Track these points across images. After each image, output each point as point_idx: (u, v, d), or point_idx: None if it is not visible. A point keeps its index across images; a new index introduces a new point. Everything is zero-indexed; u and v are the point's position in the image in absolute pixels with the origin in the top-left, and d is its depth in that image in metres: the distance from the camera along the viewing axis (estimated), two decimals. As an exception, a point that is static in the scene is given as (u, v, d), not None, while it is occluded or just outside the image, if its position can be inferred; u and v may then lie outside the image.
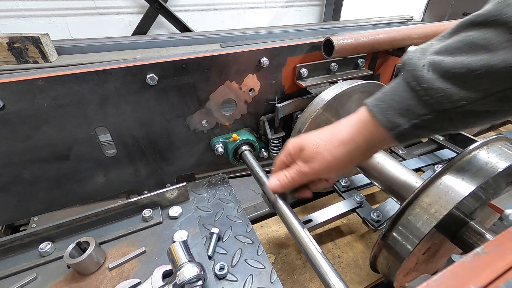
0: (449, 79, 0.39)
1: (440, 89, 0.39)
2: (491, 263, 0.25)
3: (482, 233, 0.54)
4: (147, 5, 2.78)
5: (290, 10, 3.59)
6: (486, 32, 0.36)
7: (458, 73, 0.38)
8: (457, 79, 0.38)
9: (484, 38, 0.36)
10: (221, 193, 0.84)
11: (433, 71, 0.40)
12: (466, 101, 0.38)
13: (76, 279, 0.57)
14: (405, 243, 0.54)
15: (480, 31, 0.37)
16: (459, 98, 0.39)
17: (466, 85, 0.38)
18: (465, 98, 0.38)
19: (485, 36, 0.36)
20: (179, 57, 0.70)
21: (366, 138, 0.49)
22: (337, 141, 0.52)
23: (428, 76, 0.40)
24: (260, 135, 0.95)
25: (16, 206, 0.72)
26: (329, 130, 0.54)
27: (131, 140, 0.76)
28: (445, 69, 0.39)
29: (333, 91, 0.78)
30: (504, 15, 0.34)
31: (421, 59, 0.43)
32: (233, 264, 0.64)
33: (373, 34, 0.86)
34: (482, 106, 0.39)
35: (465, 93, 0.38)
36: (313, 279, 0.83)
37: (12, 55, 1.74)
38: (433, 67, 0.41)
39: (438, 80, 0.40)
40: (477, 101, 0.38)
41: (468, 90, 0.38)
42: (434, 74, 0.40)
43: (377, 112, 0.47)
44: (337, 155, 0.51)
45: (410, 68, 0.43)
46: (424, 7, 3.39)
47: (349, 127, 0.52)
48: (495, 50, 0.35)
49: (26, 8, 2.48)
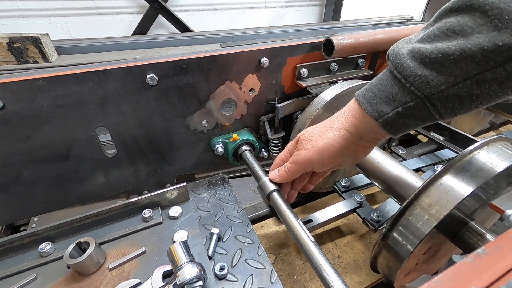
0: (427, 65, 0.40)
1: (420, 75, 0.41)
2: (492, 264, 0.25)
3: (483, 233, 0.54)
4: (147, 5, 2.77)
5: (290, 10, 3.59)
6: (462, 18, 0.37)
7: (436, 59, 0.39)
8: (434, 65, 0.39)
9: (460, 24, 0.37)
10: (221, 193, 0.84)
11: (412, 58, 0.42)
12: (445, 86, 0.39)
13: (76, 279, 0.57)
14: (405, 243, 0.54)
15: (457, 17, 0.38)
16: (438, 83, 0.40)
17: (443, 70, 0.39)
18: (443, 83, 0.39)
19: (460, 22, 0.37)
20: (179, 57, 0.70)
21: (355, 125, 0.51)
22: (329, 129, 0.55)
23: (408, 64, 0.42)
24: (260, 135, 0.95)
25: (16, 206, 0.72)
26: (323, 122, 0.58)
27: (131, 140, 0.76)
28: (424, 56, 0.40)
29: (333, 91, 0.78)
30: (478, 1, 0.35)
31: (403, 48, 0.44)
32: (233, 264, 0.63)
33: (373, 34, 0.86)
34: (461, 91, 0.39)
35: (443, 78, 0.39)
36: (313, 279, 0.83)
37: (12, 55, 1.74)
38: (412, 55, 0.42)
39: (418, 67, 0.41)
40: (456, 85, 0.39)
41: (445, 75, 0.39)
42: (413, 61, 0.42)
43: (364, 102, 0.49)
44: (328, 140, 0.54)
45: (393, 57, 0.45)
46: (424, 7, 3.39)
47: (340, 117, 0.54)
48: (470, 34, 0.36)
49: (26, 8, 2.48)
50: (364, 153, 0.58)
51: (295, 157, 0.58)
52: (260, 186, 0.66)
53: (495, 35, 0.34)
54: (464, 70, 0.38)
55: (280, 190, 0.64)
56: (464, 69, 0.38)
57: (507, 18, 0.33)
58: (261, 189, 0.65)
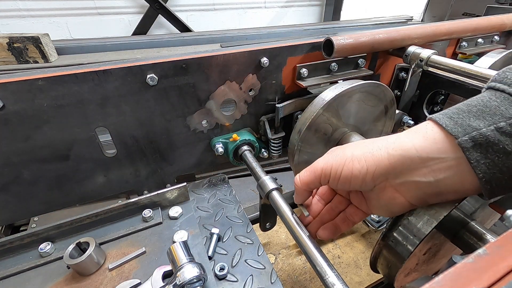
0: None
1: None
2: (493, 264, 0.25)
3: (483, 233, 0.54)
4: (147, 5, 2.78)
5: (290, 10, 3.59)
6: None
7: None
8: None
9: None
10: (221, 193, 0.84)
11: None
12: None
13: (76, 279, 0.57)
14: (405, 243, 0.54)
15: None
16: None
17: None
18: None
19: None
20: (179, 57, 0.70)
21: (406, 146, 0.35)
22: (369, 143, 0.40)
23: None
24: (260, 135, 0.94)
25: (16, 206, 0.72)
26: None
27: (131, 140, 0.76)
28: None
29: (333, 91, 0.78)
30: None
31: None
32: (233, 264, 0.63)
33: (373, 34, 0.85)
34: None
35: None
36: (313, 279, 0.83)
37: (12, 55, 1.74)
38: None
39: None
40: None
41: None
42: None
43: (442, 117, 0.34)
44: (357, 153, 0.39)
45: (497, 76, 0.33)
46: (424, 7, 3.39)
47: (394, 135, 0.38)
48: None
49: (26, 8, 2.48)
50: (398, 205, 0.41)
51: (315, 163, 0.45)
52: (259, 185, 0.65)
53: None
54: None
55: (280, 189, 0.63)
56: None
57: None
58: (261, 188, 0.64)
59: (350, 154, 0.40)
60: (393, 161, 0.35)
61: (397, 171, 0.36)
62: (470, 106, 0.32)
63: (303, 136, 0.79)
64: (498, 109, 0.30)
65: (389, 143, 0.37)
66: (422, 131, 0.35)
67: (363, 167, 0.38)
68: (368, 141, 0.41)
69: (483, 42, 1.12)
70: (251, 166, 0.77)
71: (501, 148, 0.29)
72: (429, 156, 0.33)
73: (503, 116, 0.29)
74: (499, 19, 1.08)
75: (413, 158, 0.34)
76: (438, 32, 0.93)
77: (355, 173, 0.38)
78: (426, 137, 0.34)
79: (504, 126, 0.28)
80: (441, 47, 1.08)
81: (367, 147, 0.39)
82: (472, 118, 0.31)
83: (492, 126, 0.29)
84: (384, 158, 0.36)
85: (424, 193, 0.37)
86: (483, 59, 0.99)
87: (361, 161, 0.38)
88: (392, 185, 0.38)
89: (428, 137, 0.34)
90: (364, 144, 0.40)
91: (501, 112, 0.29)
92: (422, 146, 0.34)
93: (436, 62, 0.84)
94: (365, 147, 0.39)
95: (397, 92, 1.06)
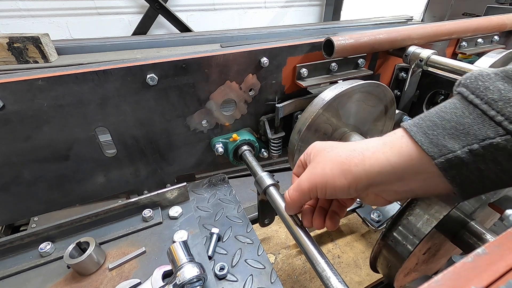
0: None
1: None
2: (492, 264, 0.25)
3: (482, 233, 0.54)
4: (147, 5, 2.78)
5: (290, 10, 3.59)
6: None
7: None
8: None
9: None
10: (221, 193, 0.84)
11: (505, 79, 0.30)
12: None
13: (76, 279, 0.57)
14: (405, 243, 0.54)
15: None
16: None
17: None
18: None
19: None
20: (179, 57, 0.70)
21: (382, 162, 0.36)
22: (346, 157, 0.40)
23: (498, 86, 0.30)
24: (260, 135, 0.95)
25: (16, 206, 0.72)
26: (347, 142, 0.45)
27: (131, 140, 0.76)
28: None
29: (333, 91, 0.78)
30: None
31: (487, 71, 0.33)
32: (233, 264, 0.63)
33: (373, 34, 0.85)
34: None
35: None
36: (313, 279, 0.83)
37: (12, 55, 1.74)
38: (506, 75, 0.31)
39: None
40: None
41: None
42: (507, 83, 0.30)
43: (416, 130, 0.34)
44: (334, 171, 0.40)
45: (469, 81, 0.33)
46: (424, 7, 3.39)
47: (369, 144, 0.39)
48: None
49: (26, 8, 2.48)
50: (379, 203, 0.43)
51: (299, 182, 0.46)
52: (257, 181, 0.65)
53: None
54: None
55: (277, 185, 0.62)
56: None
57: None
58: (258, 184, 0.64)
59: (330, 172, 0.41)
60: (371, 177, 0.37)
61: (376, 183, 0.38)
62: (444, 121, 0.33)
63: (303, 136, 0.79)
64: (471, 128, 0.30)
65: (365, 158, 0.38)
66: (397, 146, 0.35)
67: (344, 185, 0.39)
68: (343, 154, 0.41)
69: (483, 42, 1.12)
70: (251, 166, 0.77)
71: (475, 167, 0.31)
72: (405, 172, 0.35)
73: (476, 137, 0.30)
74: (499, 19, 1.08)
75: (389, 174, 0.36)
76: (438, 32, 0.93)
77: (338, 190, 0.40)
78: (401, 154, 0.35)
79: (477, 148, 0.30)
80: (441, 47, 1.08)
81: (344, 165, 0.39)
82: (447, 137, 0.31)
83: (466, 148, 0.30)
84: (362, 175, 0.38)
85: (405, 196, 0.41)
86: (483, 59, 0.99)
87: (341, 179, 0.39)
88: (374, 192, 0.41)
89: (403, 154, 0.35)
90: (340, 159, 0.41)
91: (474, 133, 0.30)
92: (398, 163, 0.35)
93: (436, 62, 0.84)
94: (342, 164, 0.40)
95: (397, 92, 1.06)
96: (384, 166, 0.36)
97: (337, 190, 0.40)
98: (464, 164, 0.31)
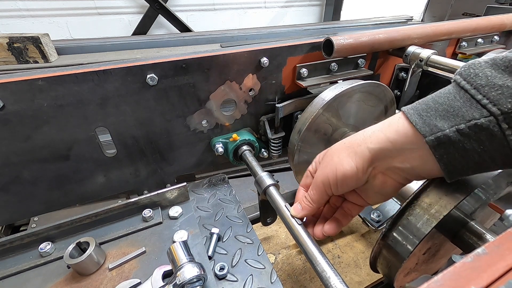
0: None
1: (500, 85, 0.31)
2: (492, 264, 0.25)
3: (482, 233, 0.54)
4: (147, 5, 2.78)
5: (290, 10, 3.59)
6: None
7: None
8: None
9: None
10: (221, 193, 0.84)
11: (493, 66, 0.33)
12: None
13: (76, 279, 0.57)
14: (405, 243, 0.54)
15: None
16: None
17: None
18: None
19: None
20: (179, 57, 0.70)
21: (382, 138, 0.41)
22: (349, 143, 0.45)
23: (486, 73, 0.33)
24: (260, 135, 0.95)
25: (16, 206, 0.72)
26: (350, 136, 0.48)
27: (131, 140, 0.76)
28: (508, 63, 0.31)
29: (333, 91, 0.78)
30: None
31: (481, 60, 0.35)
32: (233, 264, 0.63)
33: (373, 34, 0.85)
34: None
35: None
36: (313, 279, 0.83)
37: (12, 55, 1.75)
38: (494, 62, 0.33)
39: (499, 76, 0.32)
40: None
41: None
42: (494, 70, 0.33)
43: (413, 113, 0.38)
44: (342, 156, 0.44)
45: (464, 69, 0.36)
46: (424, 7, 3.39)
47: (368, 130, 0.44)
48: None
49: (26, 8, 2.48)
50: (389, 187, 0.45)
51: (314, 181, 0.48)
52: (257, 181, 0.65)
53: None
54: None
55: (278, 185, 0.62)
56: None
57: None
58: (258, 185, 0.64)
59: (337, 158, 0.45)
60: (374, 153, 0.42)
61: (380, 159, 0.42)
62: (437, 104, 0.36)
63: (303, 136, 0.79)
64: (460, 110, 0.34)
65: (366, 138, 0.43)
66: (394, 125, 0.40)
67: (352, 166, 0.43)
68: (346, 141, 0.46)
69: (483, 42, 1.12)
70: (251, 166, 0.77)
71: (460, 146, 0.34)
72: (403, 148, 0.39)
73: (464, 118, 0.33)
74: (499, 19, 1.08)
75: (390, 149, 0.41)
76: (438, 32, 0.93)
77: (348, 174, 0.44)
78: (398, 132, 0.40)
79: (464, 128, 0.33)
80: (441, 47, 1.08)
81: (349, 148, 0.44)
82: (438, 118, 0.35)
83: (454, 128, 0.34)
84: (366, 152, 0.42)
85: (408, 174, 0.43)
86: (483, 59, 0.99)
87: (348, 161, 0.44)
88: (380, 171, 0.44)
89: (400, 132, 0.39)
90: (344, 145, 0.46)
91: (462, 114, 0.33)
92: (396, 139, 0.40)
93: (436, 62, 0.84)
94: (347, 148, 0.45)
95: (397, 92, 1.06)
96: (384, 143, 0.41)
97: (347, 174, 0.44)
98: (451, 142, 0.34)
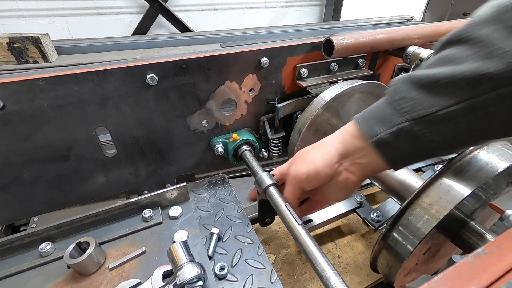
0: (419, 89, 0.43)
1: (412, 97, 0.43)
2: (492, 264, 0.25)
3: (482, 233, 0.54)
4: (147, 5, 2.78)
5: (290, 10, 3.59)
6: (455, 49, 0.42)
7: (425, 83, 0.42)
8: (425, 88, 0.42)
9: (453, 54, 0.41)
10: (221, 193, 0.84)
11: (406, 83, 0.45)
12: (436, 108, 0.41)
13: (76, 279, 0.57)
14: (405, 243, 0.54)
15: (451, 48, 0.42)
16: (428, 105, 0.41)
17: (434, 93, 0.41)
18: (434, 104, 0.41)
19: (453, 52, 0.41)
20: (179, 57, 0.70)
21: (344, 142, 0.53)
22: (319, 144, 0.57)
23: (402, 87, 0.45)
24: (260, 135, 0.95)
25: (16, 206, 0.72)
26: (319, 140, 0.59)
27: (131, 140, 0.76)
28: (415, 80, 0.44)
29: (333, 91, 0.78)
30: (471, 34, 0.40)
31: (403, 77, 0.47)
32: (233, 264, 0.63)
33: (373, 34, 0.86)
34: (454, 114, 0.40)
35: (434, 101, 0.41)
36: (313, 279, 0.83)
37: (12, 55, 1.74)
38: (408, 79, 0.45)
39: (410, 90, 0.44)
40: (447, 107, 0.40)
41: (436, 98, 0.41)
42: (407, 85, 0.45)
43: (360, 121, 0.51)
44: (314, 154, 0.55)
45: (393, 83, 0.48)
46: (424, 7, 3.38)
47: (334, 134, 0.56)
48: (459, 62, 0.40)
49: (26, 8, 2.48)
50: (351, 183, 0.54)
51: (288, 177, 0.59)
52: (257, 181, 0.65)
53: (480, 64, 0.37)
54: (454, 94, 0.39)
55: (278, 185, 0.63)
56: (453, 94, 0.39)
57: (493, 49, 0.36)
58: (258, 184, 0.64)
59: (310, 156, 0.56)
60: (340, 151, 0.53)
61: (344, 156, 0.53)
62: (376, 113, 0.48)
63: (303, 136, 0.79)
64: (390, 117, 0.45)
65: (332, 140, 0.55)
66: (351, 130, 0.52)
67: (322, 162, 0.53)
68: (317, 143, 0.58)
69: (483, 42, 1.11)
70: (251, 166, 0.77)
71: (394, 145, 0.46)
72: (358, 147, 0.51)
73: (392, 124, 0.45)
74: (499, 19, 1.07)
75: (350, 148, 0.52)
76: (438, 32, 0.93)
77: (318, 168, 0.53)
78: (352, 135, 0.52)
79: (394, 131, 0.44)
80: (441, 47, 1.08)
81: (319, 148, 0.56)
82: (377, 124, 0.47)
83: (387, 131, 0.45)
84: (333, 151, 0.53)
85: (366, 169, 0.53)
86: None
87: (319, 158, 0.54)
88: (345, 168, 0.54)
89: (352, 135, 0.52)
90: (315, 146, 0.57)
91: (389, 121, 0.45)
92: (352, 141, 0.52)
93: (436, 62, 0.84)
94: (318, 148, 0.56)
95: (397, 92, 1.06)
96: (346, 142, 0.53)
97: (318, 169, 0.53)
98: (388, 142, 0.46)
